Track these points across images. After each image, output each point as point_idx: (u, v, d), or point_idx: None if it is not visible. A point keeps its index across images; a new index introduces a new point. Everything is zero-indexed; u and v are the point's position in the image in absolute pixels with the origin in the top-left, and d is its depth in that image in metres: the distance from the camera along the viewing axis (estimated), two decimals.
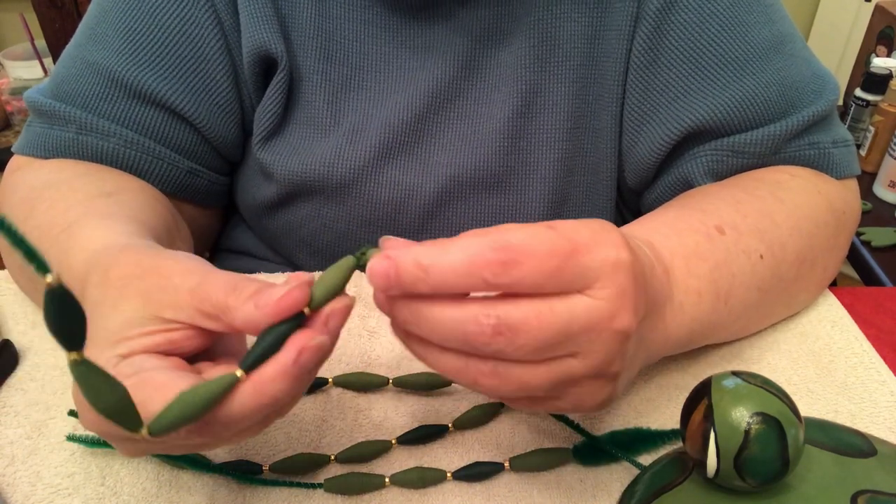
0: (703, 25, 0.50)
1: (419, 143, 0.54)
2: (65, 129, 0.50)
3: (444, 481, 0.38)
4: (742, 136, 0.50)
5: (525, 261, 0.27)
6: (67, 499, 0.37)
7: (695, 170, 0.52)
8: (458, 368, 0.29)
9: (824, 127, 0.52)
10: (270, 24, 0.51)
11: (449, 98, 0.53)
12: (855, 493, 0.27)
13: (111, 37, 0.50)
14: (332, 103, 0.53)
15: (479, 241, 0.28)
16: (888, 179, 1.13)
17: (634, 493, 0.33)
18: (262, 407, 0.28)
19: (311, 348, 0.28)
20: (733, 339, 0.47)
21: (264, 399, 0.28)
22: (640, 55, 0.52)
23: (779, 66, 0.50)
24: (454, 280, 0.27)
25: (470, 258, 0.27)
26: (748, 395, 0.27)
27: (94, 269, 0.33)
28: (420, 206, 0.54)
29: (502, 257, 0.27)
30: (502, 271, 0.27)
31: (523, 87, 0.53)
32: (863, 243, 1.03)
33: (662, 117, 0.52)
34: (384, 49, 0.53)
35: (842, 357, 0.46)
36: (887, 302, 0.51)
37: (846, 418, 0.41)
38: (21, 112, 1.62)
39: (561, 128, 0.54)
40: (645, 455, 0.39)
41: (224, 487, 0.38)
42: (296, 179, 0.53)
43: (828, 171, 0.51)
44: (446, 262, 0.27)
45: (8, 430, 0.41)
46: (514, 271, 0.27)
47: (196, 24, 0.51)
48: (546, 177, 0.54)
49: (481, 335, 0.28)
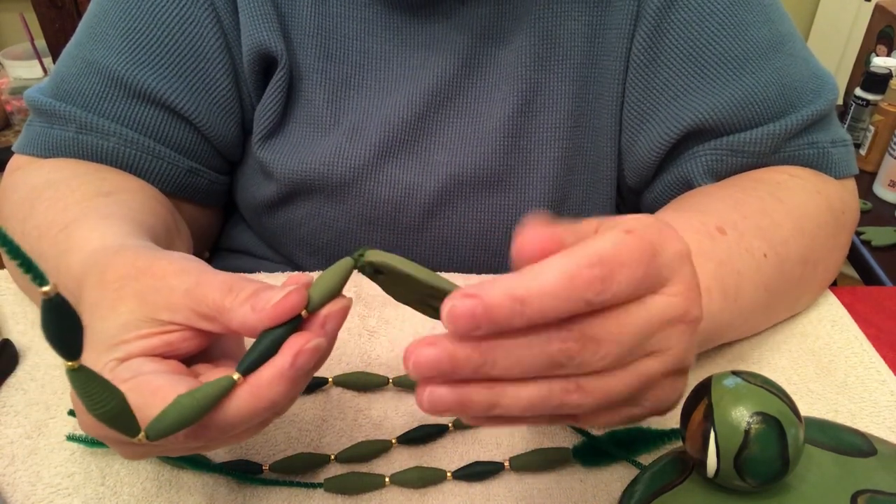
0: (703, 24, 0.50)
1: (419, 142, 0.54)
2: (64, 129, 0.50)
3: (444, 481, 0.38)
4: (741, 135, 0.50)
5: (620, 272, 0.26)
6: (67, 499, 0.37)
7: (694, 169, 0.52)
8: (542, 396, 0.27)
9: (823, 126, 0.52)
10: (270, 22, 0.51)
11: (449, 96, 0.53)
12: (855, 492, 0.27)
13: (111, 36, 0.50)
14: (331, 102, 0.53)
15: (572, 260, 0.25)
16: (888, 179, 1.13)
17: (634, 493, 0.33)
18: (260, 410, 0.28)
19: (307, 351, 0.28)
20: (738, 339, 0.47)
21: (261, 403, 0.28)
22: (640, 54, 0.52)
23: (778, 66, 0.50)
24: (554, 306, 0.25)
25: (569, 280, 0.25)
26: (748, 394, 0.27)
27: (90, 271, 0.33)
28: (420, 204, 0.54)
29: (601, 273, 0.25)
30: (602, 288, 0.25)
31: (523, 86, 0.53)
32: (863, 243, 1.03)
33: (662, 116, 0.52)
34: (384, 47, 0.53)
35: (842, 357, 0.46)
36: (887, 302, 0.51)
37: (846, 418, 0.41)
38: (21, 112, 1.62)
39: (561, 126, 0.54)
40: (645, 455, 0.39)
41: (224, 487, 0.38)
42: (295, 178, 0.53)
43: (827, 171, 0.51)
44: (543, 289, 0.25)
45: (8, 430, 0.41)
46: (612, 287, 0.26)
47: (196, 22, 0.51)
48: (546, 175, 0.54)
49: (567, 352, 0.26)
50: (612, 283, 0.25)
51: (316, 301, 0.29)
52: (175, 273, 0.31)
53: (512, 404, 0.27)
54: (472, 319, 0.25)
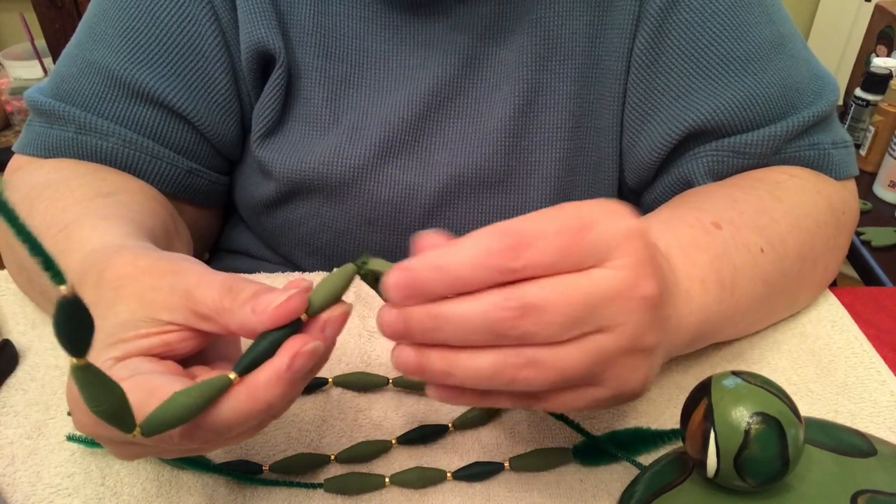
0: (705, 25, 0.50)
1: (420, 142, 0.54)
2: (64, 129, 0.50)
3: (444, 481, 0.38)
4: (742, 136, 0.50)
5: (535, 242, 0.27)
6: (67, 499, 0.37)
7: (695, 170, 0.52)
8: (493, 368, 0.28)
9: (824, 128, 0.52)
10: (268, 20, 0.51)
11: (449, 96, 0.53)
12: (855, 493, 0.27)
13: (110, 35, 0.50)
14: (331, 101, 0.53)
15: (487, 232, 0.28)
16: (888, 179, 1.13)
17: (634, 493, 0.33)
18: (256, 412, 0.28)
19: (305, 353, 0.28)
20: (738, 338, 0.47)
21: (257, 404, 0.28)
22: (642, 54, 0.52)
23: (779, 67, 0.50)
24: (470, 273, 0.27)
25: (481, 249, 0.27)
26: (748, 395, 0.27)
27: (89, 270, 0.33)
28: (421, 205, 0.54)
29: (511, 242, 0.27)
30: (514, 256, 0.27)
31: (525, 86, 0.53)
32: (863, 243, 1.03)
33: (663, 117, 0.52)
34: (384, 46, 0.53)
35: (842, 357, 0.46)
36: (887, 302, 0.51)
37: (846, 418, 0.41)
38: (21, 112, 1.62)
39: (563, 126, 0.54)
40: (645, 455, 0.39)
41: (224, 487, 0.38)
42: (294, 178, 0.53)
43: (827, 172, 0.51)
44: (459, 258, 0.27)
45: (8, 430, 0.41)
46: (525, 254, 0.27)
47: (194, 20, 0.51)
48: (548, 176, 0.54)
49: (507, 319, 0.27)
50: (526, 252, 0.27)
51: (317, 305, 0.29)
52: (175, 273, 0.31)
53: (466, 374, 0.29)
54: (403, 289, 0.28)
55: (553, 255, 0.28)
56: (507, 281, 0.28)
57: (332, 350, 0.31)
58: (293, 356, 0.28)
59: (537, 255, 0.27)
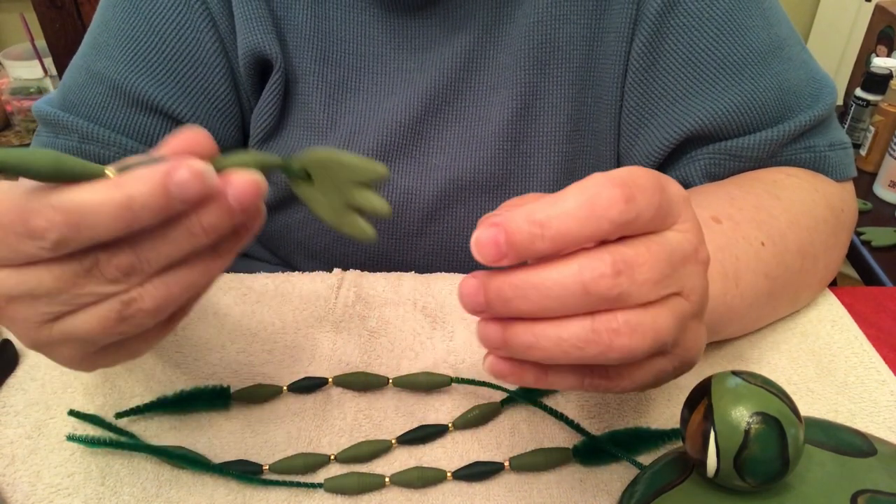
0: (702, 29, 0.50)
1: (417, 146, 0.54)
2: (68, 139, 0.51)
3: (444, 481, 0.38)
4: (739, 140, 0.50)
5: (640, 194, 0.25)
6: (67, 499, 0.37)
7: (692, 173, 0.52)
8: (586, 336, 0.26)
9: (821, 130, 0.52)
10: (264, 25, 0.51)
11: (447, 100, 0.53)
12: (855, 492, 0.27)
13: (111, 45, 0.51)
14: (328, 105, 0.53)
15: (591, 182, 0.25)
16: (888, 179, 1.13)
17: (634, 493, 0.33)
18: (119, 207, 0.25)
19: (191, 168, 0.25)
20: (742, 335, 0.47)
21: (119, 192, 0.25)
22: (639, 58, 0.52)
23: (777, 71, 0.50)
24: (578, 228, 0.25)
25: (591, 199, 0.25)
26: (748, 394, 0.27)
27: None
28: (419, 209, 0.54)
29: (623, 193, 0.25)
30: (626, 207, 0.25)
31: (522, 90, 0.53)
32: (863, 243, 1.03)
33: (660, 121, 0.52)
34: (381, 50, 0.53)
35: (842, 357, 0.46)
36: (887, 302, 0.51)
37: (846, 418, 0.41)
38: (21, 112, 1.62)
39: (561, 130, 0.54)
40: (645, 455, 0.39)
41: (224, 487, 0.38)
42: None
43: (824, 174, 0.52)
44: (565, 211, 0.25)
45: (8, 430, 0.41)
46: (634, 207, 0.25)
47: (192, 28, 0.51)
48: (546, 180, 0.54)
49: (602, 278, 0.25)
50: (635, 204, 0.25)
51: (223, 163, 0.28)
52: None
53: (555, 346, 0.26)
54: (496, 247, 0.25)
55: (652, 212, 0.26)
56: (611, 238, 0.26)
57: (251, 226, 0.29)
58: (177, 165, 0.25)
59: (644, 210, 0.26)
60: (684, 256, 0.28)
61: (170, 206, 0.25)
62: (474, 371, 0.44)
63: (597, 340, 0.26)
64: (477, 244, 0.25)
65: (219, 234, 0.27)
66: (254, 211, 0.29)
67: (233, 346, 0.46)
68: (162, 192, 0.25)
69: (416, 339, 0.47)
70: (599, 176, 0.26)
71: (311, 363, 0.45)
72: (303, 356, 0.45)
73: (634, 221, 0.26)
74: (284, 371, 0.44)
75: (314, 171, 0.31)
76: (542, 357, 0.27)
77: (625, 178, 0.26)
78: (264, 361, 0.45)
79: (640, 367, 0.29)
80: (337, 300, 0.50)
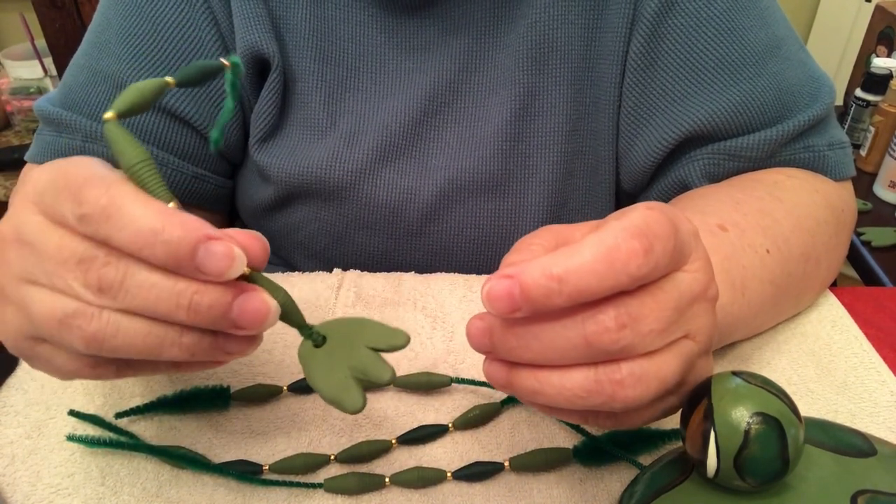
0: (700, 29, 0.50)
1: (417, 146, 0.54)
2: (72, 138, 0.51)
3: (444, 481, 0.38)
4: (738, 140, 0.50)
5: (657, 243, 0.25)
6: (67, 499, 0.37)
7: (691, 173, 0.52)
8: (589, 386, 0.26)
9: (820, 130, 0.52)
10: (262, 24, 0.51)
11: (446, 100, 0.53)
12: (855, 492, 0.27)
13: (114, 44, 0.51)
14: (328, 104, 0.53)
15: (609, 234, 0.25)
16: (888, 179, 1.13)
17: (634, 493, 0.33)
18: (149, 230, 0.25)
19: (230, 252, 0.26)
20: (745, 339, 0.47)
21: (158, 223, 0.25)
22: (637, 58, 0.52)
23: (775, 70, 0.50)
24: (597, 284, 0.24)
25: (609, 253, 0.24)
26: (748, 395, 0.27)
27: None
28: (418, 209, 0.54)
29: (642, 245, 0.24)
30: (645, 260, 0.24)
31: (521, 90, 0.53)
32: (863, 243, 1.03)
33: (659, 121, 0.52)
34: (380, 50, 0.53)
35: (842, 357, 0.46)
36: (887, 302, 0.51)
37: (846, 418, 0.41)
38: (21, 112, 1.62)
39: (559, 130, 0.54)
40: (645, 455, 0.39)
41: (224, 487, 0.38)
42: (293, 181, 0.53)
43: (823, 174, 0.52)
44: (583, 264, 0.24)
45: (8, 430, 0.41)
46: (652, 258, 0.25)
47: (193, 26, 0.51)
48: (545, 180, 0.54)
49: (606, 332, 0.25)
50: (653, 255, 0.25)
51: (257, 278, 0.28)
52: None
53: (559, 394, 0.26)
54: (510, 301, 0.24)
55: (668, 259, 0.26)
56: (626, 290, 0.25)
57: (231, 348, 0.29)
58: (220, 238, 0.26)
59: (661, 259, 0.25)
60: (693, 298, 0.27)
61: (186, 261, 0.26)
62: (474, 371, 0.44)
63: (600, 391, 0.26)
64: (489, 296, 0.25)
65: (197, 321, 0.26)
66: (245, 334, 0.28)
67: None
68: (190, 247, 0.25)
69: (416, 339, 0.47)
70: (617, 225, 0.25)
71: None
72: None
73: (652, 273, 0.25)
74: (284, 371, 0.44)
75: (332, 333, 0.30)
76: (546, 402, 0.27)
77: (642, 227, 0.25)
78: (264, 361, 0.45)
79: (648, 408, 0.29)
80: (337, 300, 0.50)
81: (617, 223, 0.25)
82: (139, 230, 0.25)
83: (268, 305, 0.27)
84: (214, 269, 0.26)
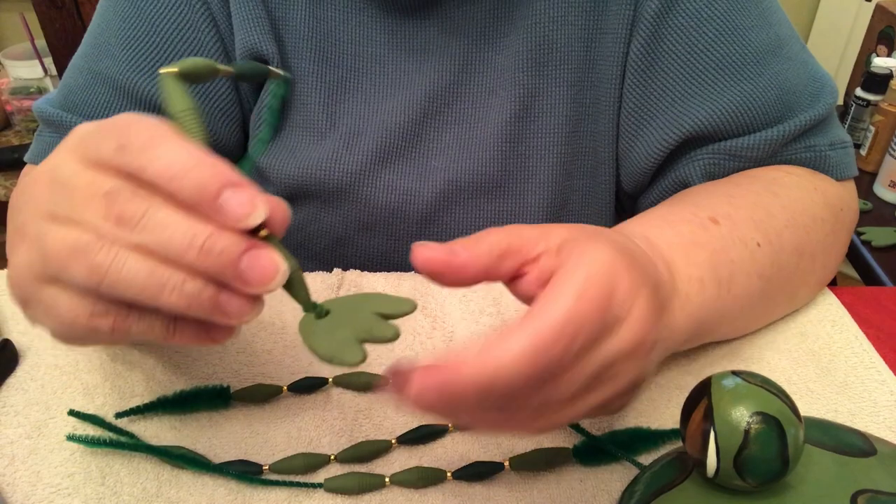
0: (701, 30, 0.50)
1: (416, 147, 0.54)
2: None
3: (444, 481, 0.38)
4: (739, 140, 0.50)
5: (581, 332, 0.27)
6: (67, 499, 0.37)
7: (692, 173, 0.52)
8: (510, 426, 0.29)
9: (821, 130, 0.52)
10: (261, 25, 0.51)
11: (446, 101, 0.53)
12: (855, 492, 0.27)
13: (113, 45, 0.51)
14: (327, 105, 0.53)
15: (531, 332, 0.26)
16: (888, 179, 1.13)
17: (634, 493, 0.33)
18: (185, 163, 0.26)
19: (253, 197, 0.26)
20: (738, 335, 0.47)
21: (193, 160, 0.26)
22: (637, 59, 0.52)
23: (776, 70, 0.50)
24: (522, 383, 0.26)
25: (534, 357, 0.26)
26: (748, 394, 0.27)
27: None
28: (418, 210, 0.54)
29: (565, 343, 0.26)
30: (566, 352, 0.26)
31: (521, 91, 0.53)
32: (863, 243, 1.03)
33: (660, 121, 0.52)
34: (380, 51, 0.53)
35: (842, 357, 0.46)
36: (887, 302, 0.51)
37: (846, 418, 0.41)
38: (21, 112, 1.62)
39: (559, 131, 0.54)
40: (645, 455, 0.39)
41: (224, 487, 0.38)
42: (292, 183, 0.53)
43: (825, 173, 0.51)
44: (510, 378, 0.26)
45: (8, 430, 0.41)
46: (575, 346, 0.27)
47: (193, 28, 0.51)
48: (545, 181, 0.54)
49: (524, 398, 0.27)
50: (576, 345, 0.27)
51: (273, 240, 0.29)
52: None
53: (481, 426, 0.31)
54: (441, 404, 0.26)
55: (593, 339, 0.27)
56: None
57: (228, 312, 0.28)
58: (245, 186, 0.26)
59: (583, 344, 0.27)
60: (620, 359, 0.29)
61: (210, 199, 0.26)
62: None
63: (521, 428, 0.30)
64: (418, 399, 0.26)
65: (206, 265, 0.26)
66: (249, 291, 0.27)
67: (233, 346, 0.46)
68: (218, 185, 0.26)
69: (416, 339, 0.47)
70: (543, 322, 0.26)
71: (311, 363, 0.45)
72: (303, 356, 0.45)
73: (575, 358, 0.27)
74: (284, 371, 0.44)
75: (336, 307, 0.31)
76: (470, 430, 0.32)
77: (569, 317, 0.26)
78: (264, 361, 0.45)
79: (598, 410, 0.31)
80: None
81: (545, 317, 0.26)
82: (173, 161, 0.26)
83: (277, 265, 0.27)
84: (235, 212, 0.26)
